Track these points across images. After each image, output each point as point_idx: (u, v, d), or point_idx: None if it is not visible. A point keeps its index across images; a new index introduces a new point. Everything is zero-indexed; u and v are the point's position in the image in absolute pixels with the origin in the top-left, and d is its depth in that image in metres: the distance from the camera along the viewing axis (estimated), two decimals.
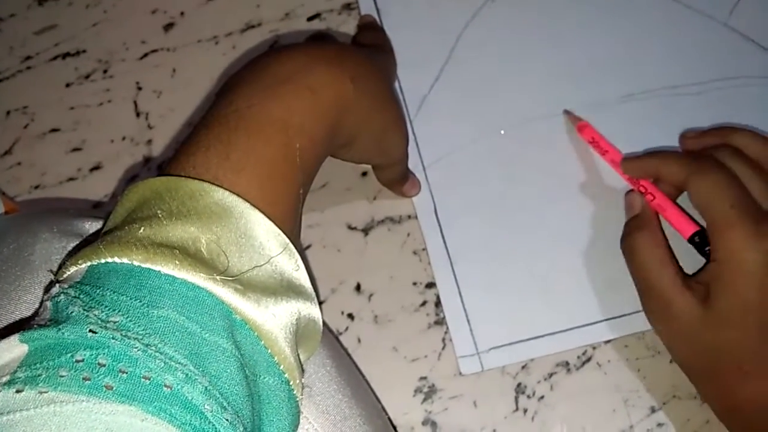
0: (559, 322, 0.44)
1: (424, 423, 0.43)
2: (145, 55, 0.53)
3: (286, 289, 0.27)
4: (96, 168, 0.50)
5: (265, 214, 0.27)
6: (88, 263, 0.25)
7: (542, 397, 0.43)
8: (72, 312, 0.23)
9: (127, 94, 0.52)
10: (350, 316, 0.45)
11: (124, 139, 0.51)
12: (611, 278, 0.44)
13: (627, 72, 0.50)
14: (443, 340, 0.45)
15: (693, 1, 0.51)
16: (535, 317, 0.44)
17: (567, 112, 0.48)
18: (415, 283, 0.46)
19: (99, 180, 0.50)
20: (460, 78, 0.50)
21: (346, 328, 0.45)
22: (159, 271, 0.24)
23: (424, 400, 0.43)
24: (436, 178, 0.48)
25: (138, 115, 0.51)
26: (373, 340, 0.45)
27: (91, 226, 0.32)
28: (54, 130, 0.51)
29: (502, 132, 0.49)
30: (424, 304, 0.45)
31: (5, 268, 0.29)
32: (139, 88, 0.52)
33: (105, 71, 0.53)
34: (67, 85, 0.53)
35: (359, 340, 0.45)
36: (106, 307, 0.23)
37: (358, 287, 0.46)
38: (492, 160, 0.48)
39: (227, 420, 0.22)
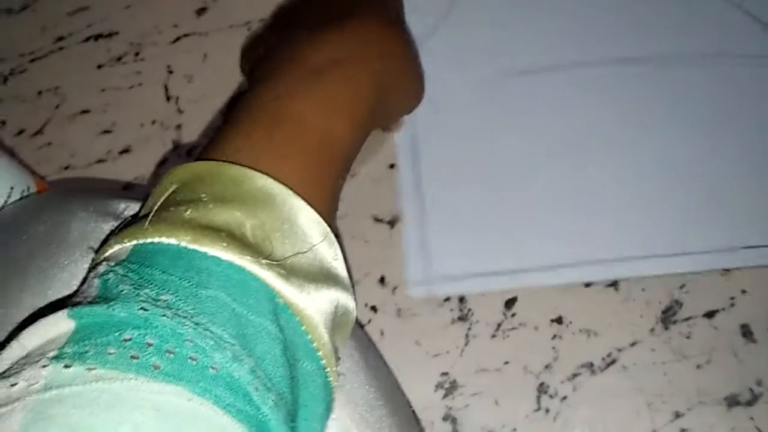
0: (518, 261, 0.45)
1: (445, 419, 0.43)
2: (177, 39, 0.53)
3: (325, 277, 0.27)
4: (125, 151, 0.50)
5: (306, 201, 0.27)
6: (134, 242, 0.25)
7: (565, 398, 0.43)
8: (122, 290, 0.23)
9: (158, 78, 0.52)
10: (374, 308, 0.45)
11: (154, 123, 0.51)
12: (577, 227, 0.45)
13: (629, 34, 0.50)
14: (466, 336, 0.44)
15: None
16: (495, 252, 0.45)
17: None
18: None
19: (128, 163, 0.50)
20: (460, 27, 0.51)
21: (369, 321, 0.45)
22: (206, 253, 0.24)
23: (445, 395, 0.43)
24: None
25: (168, 99, 0.51)
26: (396, 334, 0.45)
27: (127, 207, 0.32)
28: (84, 112, 0.52)
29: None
30: (448, 299, 0.45)
31: (41, 245, 0.29)
32: (170, 72, 0.52)
33: (137, 54, 0.53)
34: (99, 67, 0.53)
35: (382, 333, 0.45)
36: (155, 286, 0.23)
37: (382, 280, 0.46)
38: (480, 105, 0.48)
39: (272, 401, 0.22)
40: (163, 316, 0.22)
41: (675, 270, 0.45)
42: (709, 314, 0.44)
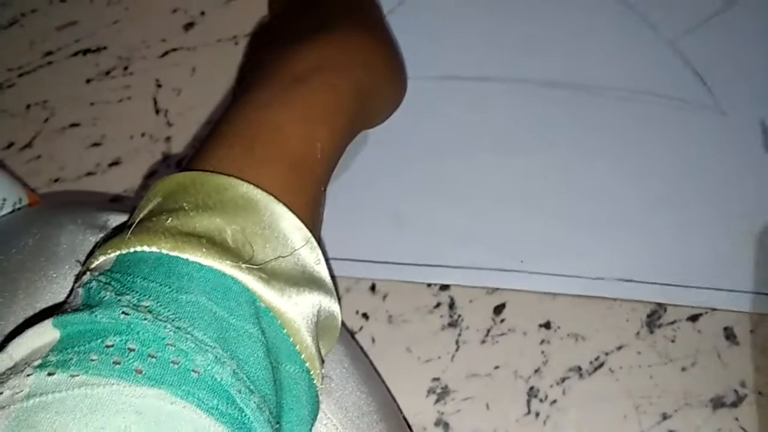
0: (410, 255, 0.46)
1: (437, 424, 0.43)
2: (166, 53, 0.54)
3: (307, 281, 0.27)
4: (115, 163, 0.50)
5: (288, 208, 0.27)
6: (117, 252, 0.25)
7: (554, 401, 0.43)
8: (104, 297, 0.23)
9: (147, 92, 0.53)
10: (365, 315, 0.46)
11: (143, 135, 0.51)
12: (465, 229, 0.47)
13: (560, 58, 0.51)
14: (456, 342, 0.45)
15: (649, 11, 0.51)
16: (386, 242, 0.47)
17: None
18: (429, 285, 0.46)
19: (118, 175, 0.50)
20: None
21: (361, 328, 0.45)
22: (187, 259, 0.24)
23: (437, 400, 0.44)
24: None
25: (158, 112, 0.52)
26: (387, 340, 0.45)
27: (115, 219, 0.32)
28: (74, 125, 0.52)
29: None
30: (438, 306, 0.46)
31: (31, 259, 0.30)
32: (159, 86, 0.53)
33: (125, 68, 0.53)
34: (88, 81, 0.53)
35: (373, 340, 0.45)
36: (136, 292, 0.23)
37: (373, 287, 0.46)
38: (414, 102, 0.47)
39: (255, 403, 0.23)
40: (144, 320, 0.22)
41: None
42: (693, 318, 0.45)
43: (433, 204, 0.47)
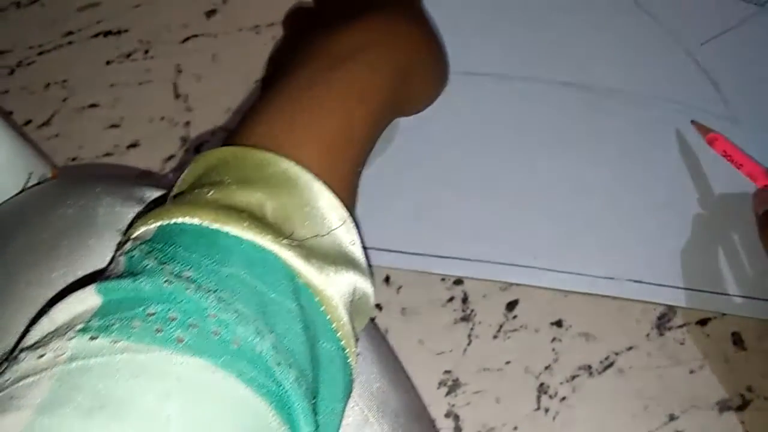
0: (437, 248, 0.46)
1: (447, 415, 0.43)
2: (187, 39, 0.54)
3: (344, 260, 0.27)
4: (133, 145, 0.51)
5: (327, 186, 0.27)
6: (159, 223, 0.25)
7: (564, 398, 0.44)
8: (147, 265, 0.23)
9: (167, 76, 0.53)
10: (378, 306, 0.46)
11: (162, 119, 0.51)
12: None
13: (578, 60, 0.51)
14: (469, 336, 0.45)
15: (670, 20, 0.52)
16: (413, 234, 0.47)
17: (695, 123, 0.49)
18: (443, 279, 0.46)
19: (136, 157, 0.50)
20: None
21: (374, 319, 0.46)
22: (227, 232, 0.24)
23: (448, 393, 0.44)
24: None
25: (177, 96, 0.52)
26: (400, 332, 0.45)
27: (151, 193, 0.32)
28: (93, 106, 0.52)
29: None
30: (451, 299, 0.46)
31: (70, 228, 0.30)
32: (179, 71, 0.53)
33: (146, 51, 0.54)
34: (108, 63, 0.53)
35: (386, 331, 0.45)
36: (178, 262, 0.23)
37: (387, 279, 0.46)
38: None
39: (293, 377, 0.23)
40: (187, 289, 0.22)
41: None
42: (702, 322, 0.45)
43: (450, 197, 0.48)
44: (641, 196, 0.48)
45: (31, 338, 0.23)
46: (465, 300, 0.46)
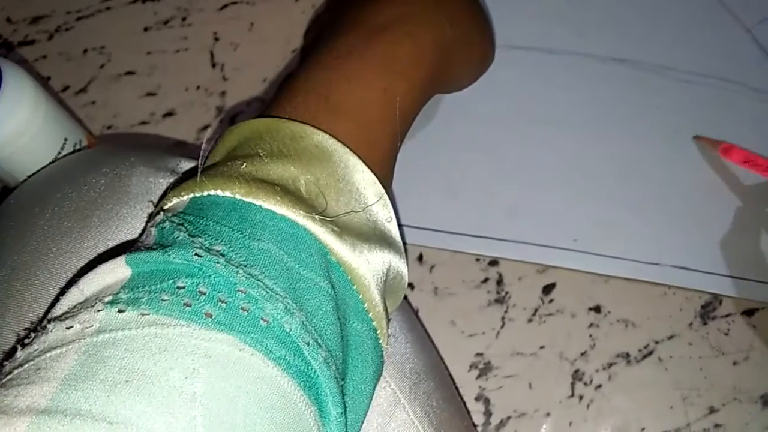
0: (466, 226, 0.45)
1: (477, 399, 0.43)
2: (225, 6, 0.53)
3: (379, 238, 0.26)
4: (169, 114, 0.50)
5: (362, 161, 0.26)
6: (191, 195, 0.24)
7: (599, 386, 0.42)
8: (178, 237, 0.23)
9: (204, 44, 0.52)
10: (411, 285, 0.45)
11: (198, 88, 0.51)
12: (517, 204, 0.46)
13: (630, 35, 0.49)
14: (502, 318, 0.44)
15: None
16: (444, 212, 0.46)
17: (699, 138, 0.46)
18: (478, 259, 0.45)
19: (171, 126, 0.50)
20: None
21: (405, 298, 0.45)
22: (260, 206, 0.24)
23: (479, 376, 0.43)
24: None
25: (214, 66, 0.51)
26: (432, 312, 0.44)
27: (185, 164, 0.32)
28: (129, 73, 0.51)
29: None
30: (486, 281, 0.45)
31: (103, 197, 0.29)
32: (216, 39, 0.52)
33: (183, 19, 0.53)
34: (145, 30, 0.53)
35: (417, 311, 0.45)
36: (209, 236, 0.23)
37: (420, 257, 0.46)
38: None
39: (322, 357, 0.22)
40: (217, 263, 0.22)
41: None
42: (749, 312, 0.44)
43: (487, 175, 0.46)
44: (689, 179, 0.46)
45: (59, 309, 0.22)
46: (500, 282, 0.45)
